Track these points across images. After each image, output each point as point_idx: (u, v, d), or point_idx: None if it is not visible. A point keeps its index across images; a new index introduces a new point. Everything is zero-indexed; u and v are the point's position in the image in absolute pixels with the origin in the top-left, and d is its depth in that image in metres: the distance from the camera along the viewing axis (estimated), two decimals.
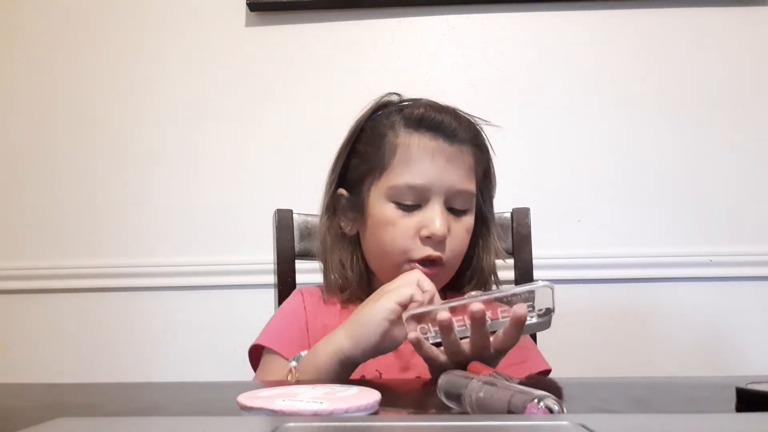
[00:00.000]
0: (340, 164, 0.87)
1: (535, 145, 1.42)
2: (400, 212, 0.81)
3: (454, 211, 0.82)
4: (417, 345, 0.64)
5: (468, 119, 0.86)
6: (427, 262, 0.80)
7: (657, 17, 1.43)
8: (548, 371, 0.84)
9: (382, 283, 0.81)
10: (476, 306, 0.61)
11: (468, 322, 0.63)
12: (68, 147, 1.49)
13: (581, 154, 1.42)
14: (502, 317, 0.63)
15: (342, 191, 0.87)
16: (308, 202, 0.95)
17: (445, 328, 0.62)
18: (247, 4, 1.44)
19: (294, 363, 0.72)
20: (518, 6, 1.45)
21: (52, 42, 1.51)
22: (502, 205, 0.97)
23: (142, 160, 1.47)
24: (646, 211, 1.40)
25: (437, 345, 0.65)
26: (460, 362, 0.64)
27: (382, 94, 0.89)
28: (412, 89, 0.89)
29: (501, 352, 0.65)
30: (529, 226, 1.01)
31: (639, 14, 1.43)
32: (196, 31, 1.48)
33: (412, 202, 0.81)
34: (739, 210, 1.40)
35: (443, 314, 0.62)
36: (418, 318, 0.65)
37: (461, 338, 0.64)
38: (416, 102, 0.86)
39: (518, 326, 0.62)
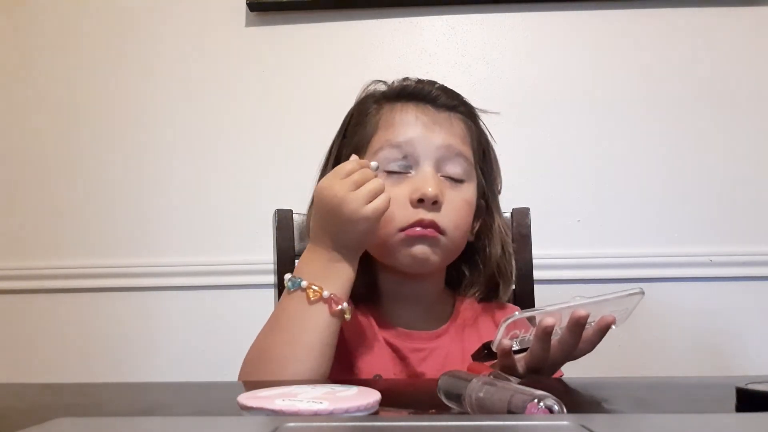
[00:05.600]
0: (334, 154, 0.86)
1: (535, 145, 1.42)
2: (388, 181, 0.75)
3: (449, 179, 0.78)
4: (505, 353, 0.62)
5: (456, 92, 0.84)
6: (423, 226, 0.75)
7: (657, 17, 1.43)
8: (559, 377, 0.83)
9: (380, 267, 0.81)
10: (582, 312, 0.60)
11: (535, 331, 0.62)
12: (67, 147, 1.49)
13: (581, 154, 1.42)
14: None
15: None
16: (308, 202, 0.95)
17: (547, 334, 0.61)
18: (247, 4, 1.44)
19: (289, 280, 0.72)
20: (518, 6, 1.45)
21: (51, 42, 1.51)
22: (502, 205, 0.97)
23: (142, 161, 1.47)
24: (646, 211, 1.40)
25: (517, 352, 0.64)
26: (539, 370, 0.64)
27: (368, 82, 0.88)
28: None
29: (576, 358, 0.66)
30: (529, 226, 1.01)
31: (639, 14, 1.43)
32: (196, 32, 1.48)
33: (399, 168, 0.77)
34: (739, 210, 1.39)
35: (549, 319, 0.60)
36: (513, 324, 0.63)
37: (522, 350, 0.64)
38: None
39: (602, 333, 0.63)
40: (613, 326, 0.63)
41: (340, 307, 0.70)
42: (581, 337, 0.62)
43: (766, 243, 1.38)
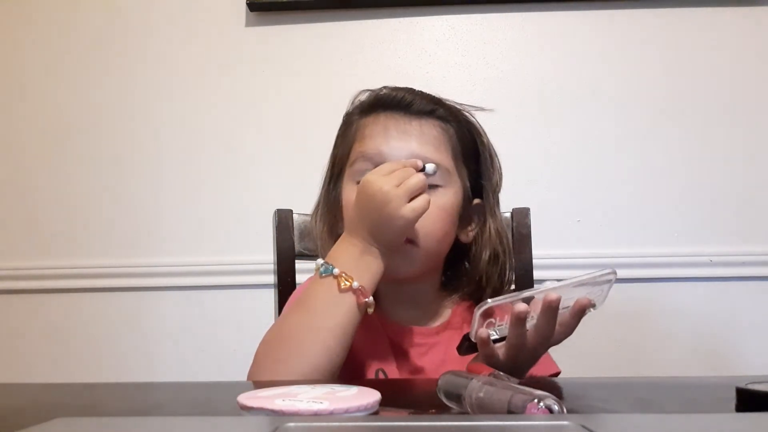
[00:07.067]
0: (330, 165, 0.87)
1: (535, 145, 1.42)
2: None
3: None
4: (483, 343, 0.63)
5: (435, 96, 0.84)
6: None
7: (657, 17, 1.43)
8: (557, 374, 0.82)
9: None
10: (553, 295, 0.60)
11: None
12: (66, 147, 1.49)
13: (581, 154, 1.42)
14: (562, 308, 0.63)
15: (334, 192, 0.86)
16: (308, 202, 0.95)
17: (521, 320, 0.61)
18: (247, 4, 1.44)
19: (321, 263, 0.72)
20: (518, 6, 1.45)
21: (50, 42, 1.51)
22: (502, 205, 0.97)
23: (142, 161, 1.47)
24: (646, 211, 1.40)
25: (497, 341, 0.64)
26: (518, 358, 0.64)
27: (356, 92, 0.87)
28: None
29: (555, 343, 0.65)
30: (529, 226, 1.01)
31: (639, 14, 1.43)
32: (196, 32, 1.48)
33: None
34: (739, 210, 1.40)
35: (521, 305, 0.60)
36: (487, 312, 0.63)
37: (501, 338, 0.63)
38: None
39: (579, 316, 0.62)
40: (591, 309, 0.63)
41: (366, 300, 0.71)
42: (557, 321, 0.62)
43: (766, 243, 1.38)
